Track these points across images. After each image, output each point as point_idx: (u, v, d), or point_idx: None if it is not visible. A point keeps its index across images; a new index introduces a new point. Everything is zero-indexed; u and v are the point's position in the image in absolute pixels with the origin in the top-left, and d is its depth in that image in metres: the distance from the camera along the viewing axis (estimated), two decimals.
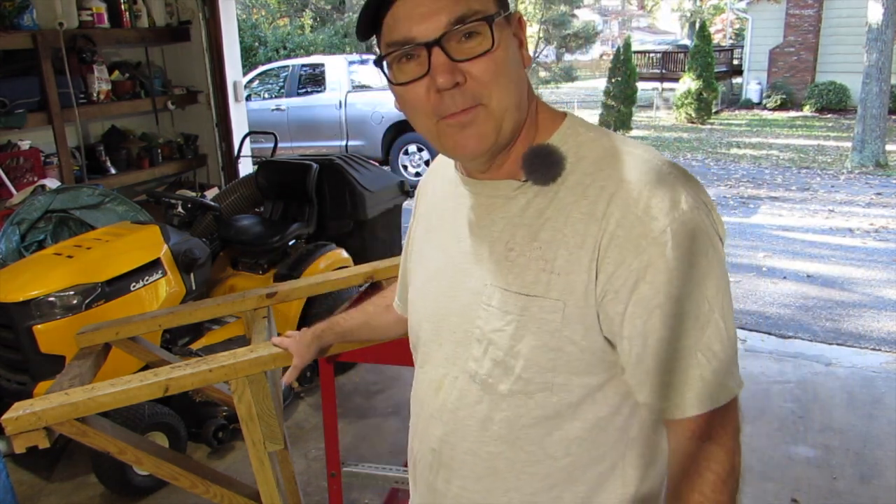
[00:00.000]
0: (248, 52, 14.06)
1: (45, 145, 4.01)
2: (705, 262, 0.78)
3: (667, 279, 0.77)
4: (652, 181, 0.80)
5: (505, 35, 0.81)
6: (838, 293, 4.92)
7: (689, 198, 0.79)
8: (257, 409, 1.57)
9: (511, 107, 0.82)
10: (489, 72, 0.79)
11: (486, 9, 0.79)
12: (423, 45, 0.77)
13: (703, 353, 0.79)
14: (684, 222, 0.78)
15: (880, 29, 9.59)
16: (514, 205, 0.86)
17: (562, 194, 0.83)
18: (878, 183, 8.87)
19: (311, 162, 3.62)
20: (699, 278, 0.78)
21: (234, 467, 2.75)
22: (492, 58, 0.78)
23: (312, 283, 2.14)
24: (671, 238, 0.77)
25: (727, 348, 0.80)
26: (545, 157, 0.84)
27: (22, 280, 2.48)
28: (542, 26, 20.09)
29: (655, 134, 13.52)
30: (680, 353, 0.79)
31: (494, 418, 0.89)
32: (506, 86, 0.80)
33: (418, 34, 0.77)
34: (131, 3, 4.39)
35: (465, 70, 0.78)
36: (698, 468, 0.80)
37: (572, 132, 0.88)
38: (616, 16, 35.19)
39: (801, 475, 2.69)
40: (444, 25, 0.76)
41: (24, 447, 1.43)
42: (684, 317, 0.78)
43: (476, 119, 0.81)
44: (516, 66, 0.83)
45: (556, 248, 0.82)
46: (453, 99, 0.79)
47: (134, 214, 3.18)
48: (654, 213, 0.78)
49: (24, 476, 2.74)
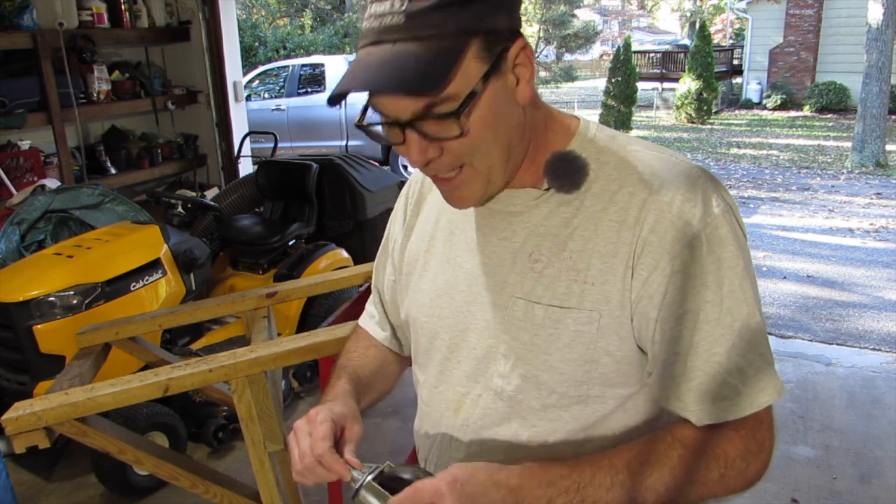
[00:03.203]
0: (248, 52, 14.07)
1: (45, 145, 4.01)
2: (739, 265, 0.77)
3: (701, 283, 0.76)
4: (683, 185, 0.79)
5: (491, 92, 0.74)
6: (838, 293, 4.92)
7: (719, 201, 0.79)
8: (257, 409, 1.57)
9: (497, 163, 0.79)
10: (465, 147, 0.76)
11: (460, 89, 0.72)
12: (395, 123, 0.75)
13: (737, 358, 0.77)
14: (717, 227, 0.77)
15: (880, 29, 9.59)
16: (535, 214, 0.84)
17: (588, 202, 0.81)
18: (878, 183, 8.87)
19: (311, 162, 3.62)
20: (733, 282, 0.77)
21: (234, 467, 2.75)
22: (466, 139, 0.75)
23: (312, 283, 2.14)
24: (705, 243, 0.76)
25: (766, 352, 0.79)
26: (569, 163, 0.82)
27: (22, 280, 2.48)
28: (542, 26, 20.09)
29: (655, 134, 13.51)
30: (713, 358, 0.77)
31: (523, 436, 0.86)
32: (486, 151, 0.77)
33: (391, 112, 0.75)
34: (131, 3, 4.39)
35: (441, 145, 0.76)
36: (712, 450, 0.79)
37: (590, 137, 0.86)
38: (616, 16, 35.20)
39: (801, 475, 2.69)
40: (412, 112, 0.73)
41: (24, 447, 1.43)
42: (718, 322, 0.76)
43: (463, 182, 0.79)
44: (505, 118, 0.77)
45: (588, 258, 0.80)
46: (434, 165, 0.78)
47: (134, 214, 3.18)
48: (686, 217, 0.77)
49: (24, 476, 2.74)
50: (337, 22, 17.33)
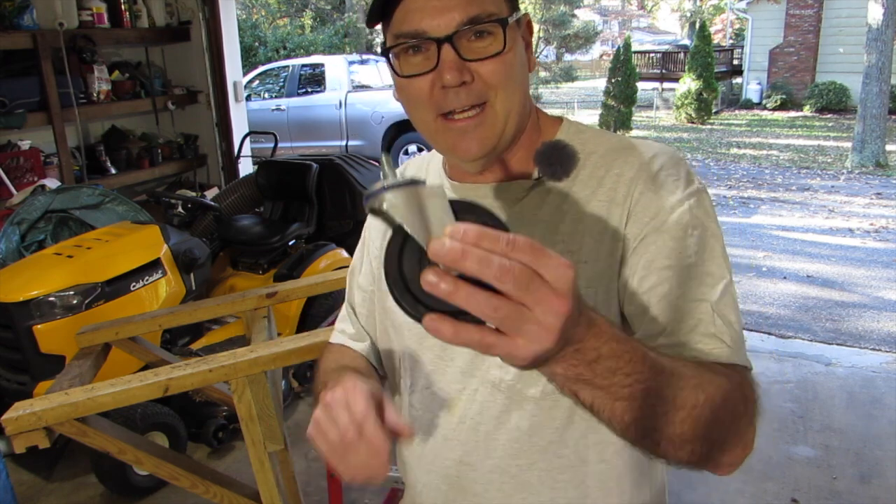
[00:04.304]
0: (248, 52, 14.06)
1: (45, 145, 4.01)
2: (720, 240, 0.81)
3: (682, 246, 0.78)
4: (668, 162, 0.82)
5: (515, 38, 0.80)
6: (838, 293, 4.92)
7: (699, 179, 0.83)
8: (257, 409, 1.57)
9: (514, 110, 0.81)
10: (498, 73, 0.77)
11: (500, 11, 0.77)
12: (433, 39, 0.76)
13: (728, 312, 0.77)
14: (700, 200, 0.80)
15: (880, 29, 9.59)
16: (527, 204, 0.85)
17: (576, 188, 0.83)
18: (878, 183, 8.86)
19: (311, 162, 3.62)
20: (715, 250, 0.79)
21: (234, 467, 2.75)
22: (502, 60, 0.77)
23: (312, 283, 2.14)
24: (688, 210, 0.79)
25: (739, 321, 0.79)
26: (560, 150, 0.84)
27: (22, 280, 2.48)
28: (542, 26, 20.09)
29: (655, 134, 13.51)
30: (705, 307, 0.76)
31: (524, 427, 0.84)
32: (513, 89, 0.80)
33: (430, 28, 0.75)
34: (131, 3, 4.39)
35: (473, 69, 0.77)
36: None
37: (574, 130, 0.89)
38: (616, 16, 35.19)
39: (801, 475, 2.69)
40: (457, 23, 0.75)
41: (24, 447, 1.43)
42: (700, 280, 0.77)
43: (483, 121, 0.79)
44: (523, 69, 0.82)
45: (580, 238, 0.81)
46: (458, 96, 0.77)
47: (134, 214, 3.18)
48: (670, 187, 0.80)
49: (24, 476, 2.74)
50: (337, 22, 17.32)
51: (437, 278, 0.47)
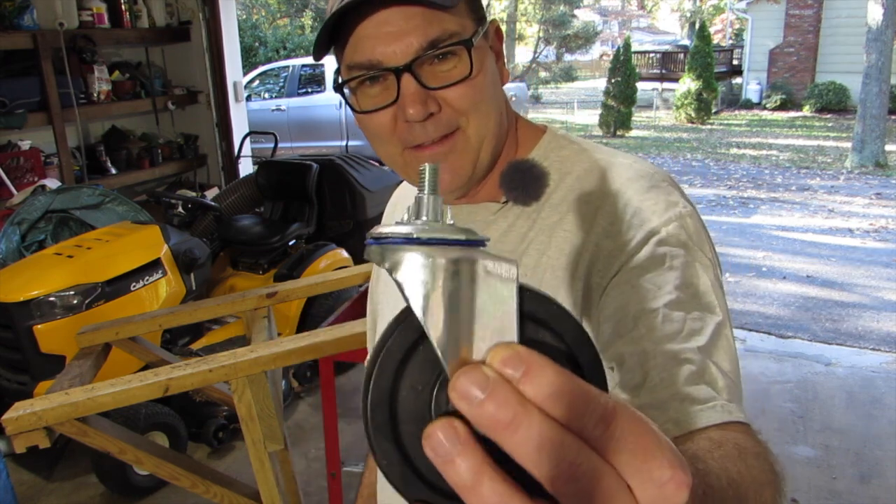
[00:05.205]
0: (248, 52, 14.06)
1: (45, 145, 4.01)
2: (706, 268, 0.68)
3: (657, 283, 0.65)
4: (643, 188, 0.73)
5: (483, 55, 0.71)
6: (838, 293, 4.92)
7: (684, 200, 0.73)
8: (257, 409, 1.57)
9: (490, 133, 0.73)
10: (467, 98, 0.69)
11: (463, 29, 0.69)
12: (390, 70, 0.67)
13: (712, 364, 0.62)
14: (682, 225, 0.69)
15: (880, 29, 9.60)
16: (493, 230, 0.77)
17: (545, 213, 0.76)
18: (878, 183, 8.87)
19: (311, 162, 3.62)
20: (697, 286, 0.67)
21: (234, 467, 2.75)
22: (471, 84, 0.69)
23: (312, 283, 2.14)
24: (667, 237, 0.68)
25: (737, 368, 0.65)
26: (525, 172, 0.69)
27: (22, 280, 2.48)
28: (542, 26, 20.09)
29: (655, 134, 13.51)
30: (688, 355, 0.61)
31: None
32: (486, 111, 0.72)
33: (385, 57, 0.67)
34: (131, 3, 4.40)
35: (439, 97, 0.69)
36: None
37: (554, 146, 0.80)
38: (616, 16, 35.19)
39: (801, 475, 2.69)
40: (416, 49, 0.67)
41: (24, 447, 1.43)
42: (682, 322, 0.63)
43: (454, 147, 0.72)
44: (496, 87, 0.74)
45: (541, 273, 0.73)
46: (425, 129, 0.70)
47: (134, 214, 3.19)
48: (645, 215, 0.70)
49: (24, 476, 2.74)
50: None
51: (450, 447, 0.25)
